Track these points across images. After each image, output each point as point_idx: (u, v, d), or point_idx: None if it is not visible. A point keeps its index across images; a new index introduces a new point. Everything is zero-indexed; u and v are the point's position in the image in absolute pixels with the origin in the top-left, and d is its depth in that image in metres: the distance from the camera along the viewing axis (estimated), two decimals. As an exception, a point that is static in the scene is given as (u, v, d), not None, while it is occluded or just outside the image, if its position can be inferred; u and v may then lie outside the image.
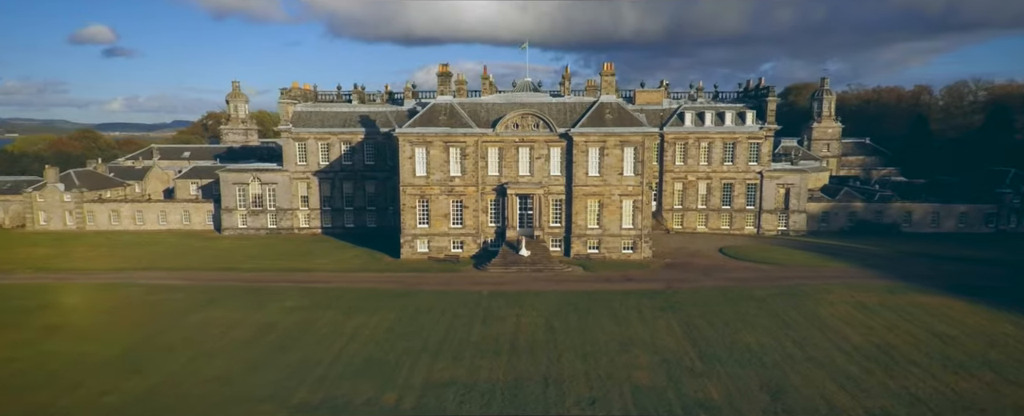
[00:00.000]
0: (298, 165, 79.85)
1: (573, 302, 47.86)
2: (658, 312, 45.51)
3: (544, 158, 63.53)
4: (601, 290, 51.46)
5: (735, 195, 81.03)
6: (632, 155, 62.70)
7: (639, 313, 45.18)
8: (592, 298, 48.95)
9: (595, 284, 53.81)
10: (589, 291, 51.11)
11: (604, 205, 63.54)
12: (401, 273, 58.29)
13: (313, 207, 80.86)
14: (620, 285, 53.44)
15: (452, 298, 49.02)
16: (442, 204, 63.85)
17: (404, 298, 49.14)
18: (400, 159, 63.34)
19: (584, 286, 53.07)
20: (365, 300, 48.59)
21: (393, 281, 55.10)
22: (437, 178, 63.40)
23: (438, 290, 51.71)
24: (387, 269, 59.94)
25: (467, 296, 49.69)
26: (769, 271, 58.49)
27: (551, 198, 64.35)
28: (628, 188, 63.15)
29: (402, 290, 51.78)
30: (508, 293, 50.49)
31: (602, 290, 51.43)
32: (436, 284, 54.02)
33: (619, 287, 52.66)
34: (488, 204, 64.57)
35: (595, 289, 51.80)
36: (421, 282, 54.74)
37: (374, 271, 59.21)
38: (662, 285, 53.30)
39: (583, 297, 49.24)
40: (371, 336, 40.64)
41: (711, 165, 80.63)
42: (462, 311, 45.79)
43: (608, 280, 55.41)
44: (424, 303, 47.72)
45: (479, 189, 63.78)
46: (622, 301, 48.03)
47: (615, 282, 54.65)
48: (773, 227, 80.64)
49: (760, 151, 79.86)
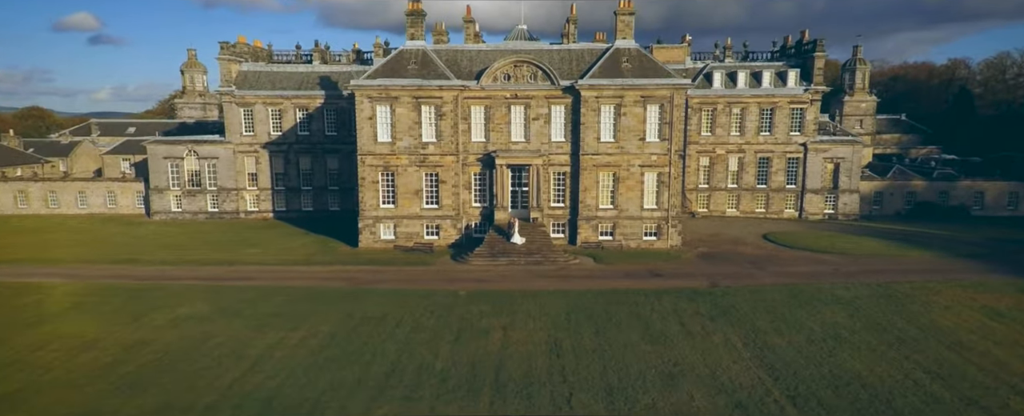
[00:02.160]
0: (244, 136, 65.73)
1: (585, 307, 34.14)
2: (708, 322, 31.84)
3: (543, 119, 49.59)
4: (622, 289, 37.68)
5: (773, 171, 67.23)
6: (657, 115, 48.79)
7: (681, 324, 31.48)
8: (611, 301, 35.22)
9: (612, 281, 40.06)
10: (605, 291, 37.36)
11: (620, 179, 49.68)
12: (355, 266, 44.41)
13: (263, 186, 66.81)
14: (646, 282, 39.70)
15: (416, 301, 35.25)
16: (412, 178, 49.93)
17: (350, 301, 35.34)
18: (357, 120, 49.30)
19: (598, 284, 39.32)
20: (295, 304, 34.78)
21: (341, 277, 41.25)
22: (405, 145, 49.42)
23: (398, 289, 37.88)
24: (338, 261, 46.06)
25: (437, 298, 35.90)
26: (838, 263, 44.77)
27: (552, 171, 50.47)
28: (651, 157, 49.28)
29: (349, 290, 37.95)
30: (494, 294, 36.73)
31: (623, 289, 37.66)
32: (398, 281, 40.21)
33: (645, 285, 38.93)
34: (471, 178, 50.67)
35: (613, 288, 38.05)
36: (378, 278, 40.91)
37: (320, 264, 45.31)
38: (703, 282, 39.58)
39: (598, 300, 35.51)
40: (285, 362, 26.91)
41: (744, 136, 66.77)
42: (427, 321, 32.06)
43: (629, 276, 41.64)
44: (375, 309, 33.94)
45: (459, 159, 49.86)
46: (653, 306, 34.32)
47: (639, 278, 40.90)
48: (818, 210, 66.94)
49: (804, 119, 65.99)
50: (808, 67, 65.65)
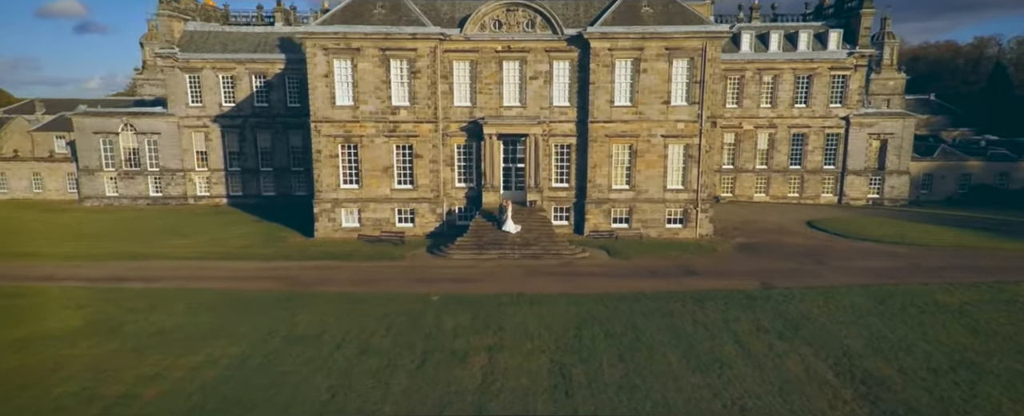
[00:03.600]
0: (190, 107, 55.94)
1: (600, 319, 24.72)
2: (776, 340, 22.51)
3: (543, 78, 40.03)
4: (648, 293, 28.21)
5: (809, 150, 57.83)
6: (685, 71, 39.25)
7: (738, 343, 22.14)
8: (636, 310, 25.80)
9: (633, 281, 30.64)
10: (626, 295, 27.93)
11: (639, 153, 40.21)
12: (301, 262, 34.90)
13: (214, 167, 57.12)
14: (679, 283, 30.30)
15: (370, 310, 25.78)
16: (379, 152, 40.35)
17: (279, 311, 25.85)
18: (309, 78, 39.60)
19: (615, 285, 29.88)
20: (200, 316, 25.27)
21: (278, 276, 31.73)
22: (371, 110, 39.80)
23: (350, 294, 28.35)
24: (281, 255, 36.52)
25: (400, 306, 26.42)
26: (915, 256, 35.46)
27: (554, 143, 40.97)
28: (677, 126, 39.79)
29: (284, 294, 28.41)
30: (478, 300, 27.27)
31: (649, 293, 28.20)
32: (351, 282, 30.70)
33: (678, 286, 29.53)
34: (454, 152, 41.13)
35: (636, 291, 28.61)
36: (326, 278, 31.40)
37: (257, 258, 35.73)
38: (754, 282, 30.20)
39: (618, 308, 26.07)
40: (153, 410, 17.52)
41: (776, 108, 57.32)
42: (380, 340, 22.63)
43: (655, 274, 32.22)
44: (312, 322, 24.47)
45: (439, 128, 40.31)
46: (695, 316, 24.93)
47: (668, 277, 31.49)
48: (861, 194, 57.65)
49: (847, 88, 56.55)
50: (852, 28, 56.17)
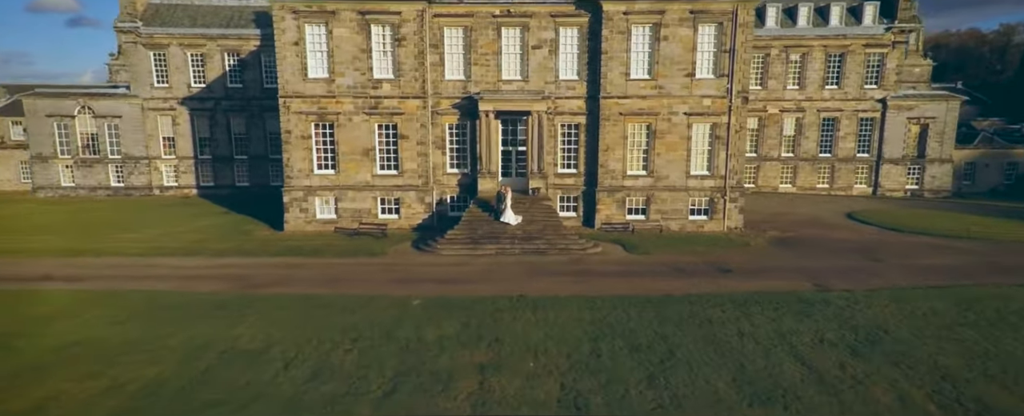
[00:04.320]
0: (155, 88, 50.64)
1: (621, 328, 19.28)
2: (849, 358, 17.12)
3: (548, 47, 34.64)
4: (677, 296, 22.73)
5: (841, 136, 52.42)
6: (712, 39, 33.84)
7: (802, 362, 16.71)
8: (665, 317, 20.34)
9: (658, 281, 25.21)
10: (652, 298, 22.49)
11: (658, 133, 34.80)
12: (261, 259, 29.51)
13: (183, 155, 51.82)
14: (712, 283, 24.88)
15: (334, 319, 20.36)
16: (359, 132, 34.98)
17: (220, 319, 20.44)
18: (277, 47, 34.19)
19: (636, 285, 24.44)
20: (116, 328, 19.87)
21: (234, 275, 26.32)
22: (349, 83, 34.43)
23: (312, 296, 22.92)
24: (240, 251, 31.09)
25: (372, 312, 21.00)
26: (987, 253, 30.05)
27: (561, 122, 35.60)
28: (703, 102, 34.38)
29: (232, 297, 22.99)
30: (470, 304, 21.81)
31: (679, 296, 22.73)
32: (318, 281, 25.27)
33: (713, 287, 24.11)
34: (445, 133, 35.76)
35: (663, 293, 23.18)
36: (291, 276, 26.00)
37: (213, 254, 30.32)
38: (803, 283, 24.79)
39: (643, 314, 20.61)
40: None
41: (804, 90, 51.92)
42: (342, 358, 17.21)
43: (682, 272, 26.79)
44: (257, 333, 19.06)
45: (428, 105, 34.93)
46: (741, 326, 19.48)
47: (698, 276, 26.06)
48: (898, 185, 52.24)
49: (884, 67, 51.11)
50: (889, 0, 50.69)
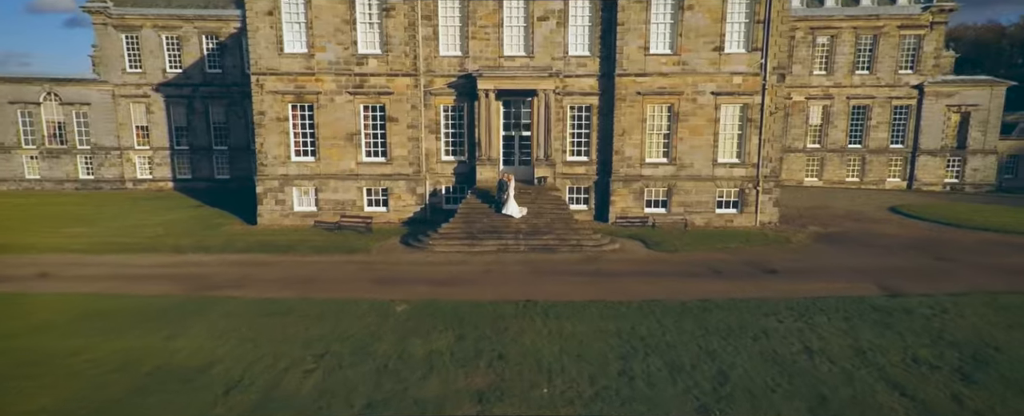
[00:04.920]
0: (128, 74, 46.63)
1: (657, 343, 15.06)
2: (962, 385, 12.88)
3: (556, 18, 30.50)
4: (718, 301, 18.46)
5: (872, 125, 48.24)
6: (744, 7, 29.69)
7: (904, 394, 12.48)
8: (707, 326, 16.13)
9: (691, 283, 20.99)
10: (689, 305, 18.25)
11: (682, 115, 30.64)
12: (228, 255, 25.33)
13: (157, 145, 47.77)
14: (758, 285, 20.68)
15: (298, 326, 16.18)
16: (342, 114, 30.87)
17: (167, 325, 16.24)
18: (247, 16, 30.08)
19: (665, 288, 20.21)
20: (50, 332, 15.73)
21: (188, 275, 22.12)
22: (330, 59, 30.33)
23: (277, 301, 18.71)
24: (205, 246, 26.89)
25: (348, 318, 16.81)
26: (1070, 252, 25.88)
27: (571, 103, 31.45)
28: (733, 80, 30.23)
29: (181, 300, 18.76)
30: (465, 310, 17.61)
31: (720, 301, 18.45)
32: (284, 282, 21.05)
33: (759, 290, 19.90)
34: (440, 115, 31.63)
35: (699, 296, 18.96)
36: (253, 276, 21.81)
37: (170, 251, 26.13)
38: (867, 285, 20.59)
39: (679, 323, 16.41)
40: None
41: (832, 75, 47.79)
42: (303, 380, 13.02)
43: (719, 273, 22.57)
44: (205, 343, 14.89)
45: (420, 83, 30.82)
46: (804, 338, 15.26)
47: (739, 277, 21.85)
48: (936, 178, 48.02)
49: (920, 50, 46.94)
50: (926, -24, 46.57)
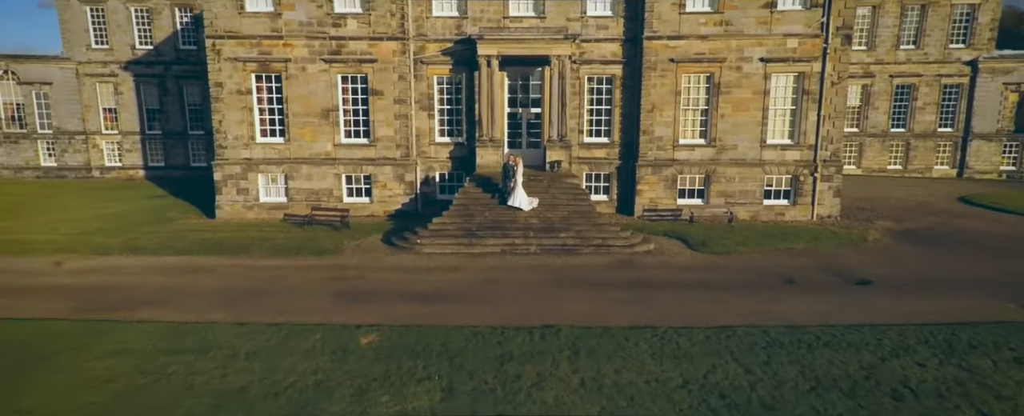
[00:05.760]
0: (93, 50, 41.95)
1: (757, 410, 10.37)
2: None
3: (571, -27, 25.61)
4: (811, 327, 13.65)
5: (918, 107, 43.25)
6: (798, -45, 24.78)
7: None
8: (819, 374, 11.37)
9: (762, 299, 16.24)
10: (770, 332, 13.53)
11: (723, 87, 25.77)
12: (160, 257, 20.62)
13: (127, 129, 43.16)
14: (857, 304, 15.86)
15: (202, 373, 11.54)
16: (316, 87, 26.11)
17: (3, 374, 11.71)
18: (205, -32, 25.39)
19: (730, 307, 15.47)
20: None
21: (92, 286, 17.50)
22: (301, 19, 25.53)
23: (196, 325, 14.08)
24: (139, 246, 22.08)
25: (285, 356, 12.15)
26: None
27: (589, 73, 26.60)
28: (788, 44, 25.33)
29: (61, 328, 14.19)
30: (458, 341, 12.92)
31: (814, 327, 13.61)
32: (223, 295, 16.37)
33: (863, 312, 15.06)
34: (433, 88, 26.83)
35: (786, 323, 14.23)
36: (187, 286, 17.14)
37: (90, 251, 21.37)
38: (1006, 303, 15.78)
39: (779, 370, 11.66)
40: None
41: (873, 51, 42.78)
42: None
43: (795, 284, 17.75)
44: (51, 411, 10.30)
45: (409, 49, 26.00)
46: (979, 403, 10.54)
47: (821, 290, 17.03)
48: (991, 165, 43.06)
49: (975, 22, 41.87)
50: (983, -62, 41.40)
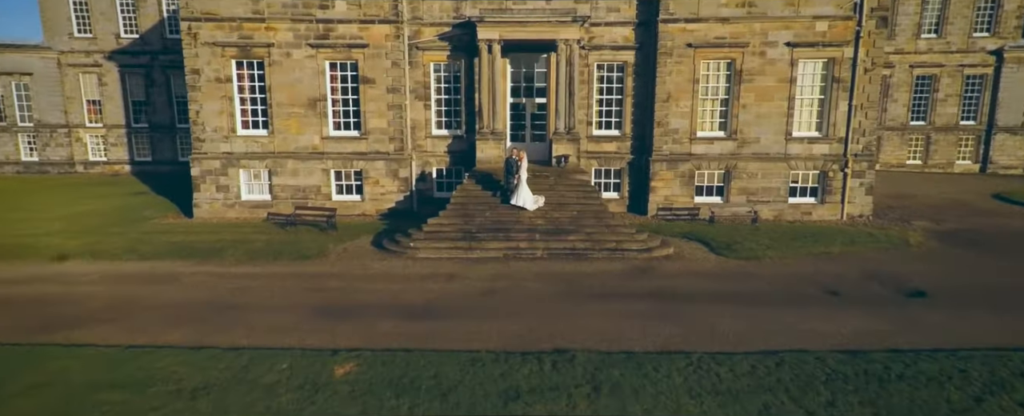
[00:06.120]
0: (76, 39, 39.98)
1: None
2: None
3: (579, -49, 23.56)
4: (876, 354, 11.62)
5: (939, 98, 41.21)
6: (827, -70, 22.71)
7: None
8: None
9: (804, 315, 14.28)
10: (828, 360, 11.57)
11: (746, 75, 23.73)
12: (131, 263, 18.69)
13: (112, 122, 41.21)
14: (912, 323, 13.88)
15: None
16: (302, 74, 24.12)
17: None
18: (180, -56, 23.40)
19: (769, 325, 13.52)
20: None
21: (32, 298, 15.58)
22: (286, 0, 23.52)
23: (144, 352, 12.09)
24: (100, 250, 20.05)
25: (237, 394, 10.21)
26: None
27: (599, 60, 24.58)
28: (817, 27, 23.28)
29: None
30: (453, 371, 11.00)
31: (881, 353, 11.59)
32: (185, 310, 14.43)
33: (924, 331, 13.10)
34: (429, 76, 24.83)
35: (834, 345, 12.28)
36: (147, 298, 15.21)
37: (39, 258, 19.42)
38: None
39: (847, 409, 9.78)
40: None
41: (892, 40, 40.69)
42: None
43: (837, 295, 15.77)
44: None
45: (403, 33, 23.98)
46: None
47: (869, 304, 14.99)
48: (1017, 160, 41.05)
49: (1000, 8, 39.75)
50: (1011, -81, 39.22)
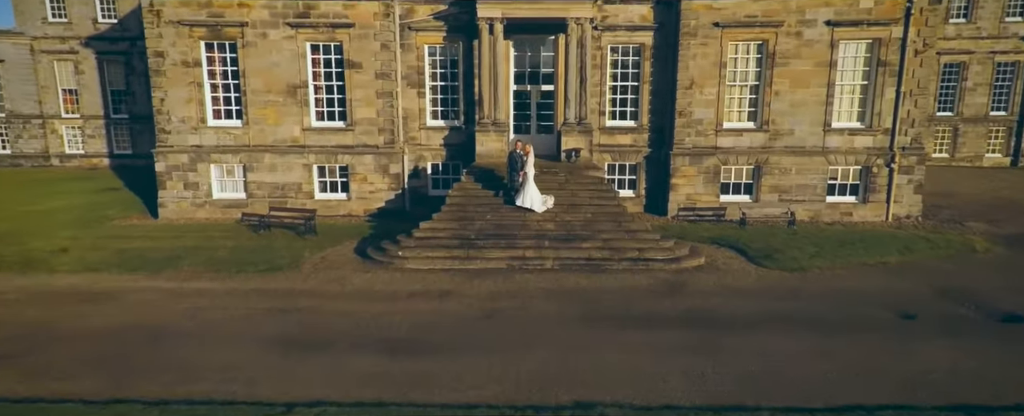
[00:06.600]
0: (50, 24, 37.34)
1: None
2: None
3: (591, -81, 20.92)
4: (992, 410, 9.30)
5: (968, 88, 38.60)
6: None
7: None
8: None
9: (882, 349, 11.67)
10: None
11: (779, 58, 21.13)
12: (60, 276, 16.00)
13: (90, 113, 38.62)
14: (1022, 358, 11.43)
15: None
16: (280, 58, 21.52)
17: None
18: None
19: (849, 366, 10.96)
20: None
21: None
22: (263, -26, 20.95)
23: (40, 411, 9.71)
24: (32, 260, 17.65)
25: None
26: None
27: (612, 42, 21.97)
28: (862, 4, 20.65)
29: None
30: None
31: (998, 411, 9.26)
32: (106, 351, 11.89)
33: None
34: (423, 60, 22.25)
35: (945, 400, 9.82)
36: (54, 326, 12.66)
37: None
38: None
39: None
40: None
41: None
42: None
43: (915, 321, 13.22)
44: None
45: (393, 12, 21.39)
46: None
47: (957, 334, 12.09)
48: (1052, 154, 38.47)
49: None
50: None
